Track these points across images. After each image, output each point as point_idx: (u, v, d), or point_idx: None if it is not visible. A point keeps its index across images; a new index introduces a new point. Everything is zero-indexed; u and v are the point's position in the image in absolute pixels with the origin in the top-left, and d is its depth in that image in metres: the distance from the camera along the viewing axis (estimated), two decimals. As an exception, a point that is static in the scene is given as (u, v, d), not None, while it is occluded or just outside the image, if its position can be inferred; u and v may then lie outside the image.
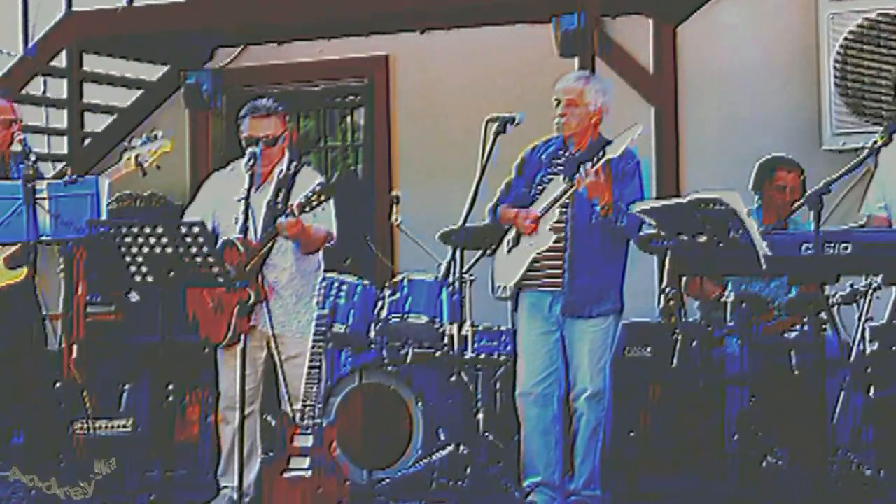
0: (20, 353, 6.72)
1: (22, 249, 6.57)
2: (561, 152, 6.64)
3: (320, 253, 6.84)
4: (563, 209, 6.51)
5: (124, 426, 7.38)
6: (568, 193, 6.46)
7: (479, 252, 7.36)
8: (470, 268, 7.26)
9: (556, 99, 6.61)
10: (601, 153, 6.40)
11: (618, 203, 6.40)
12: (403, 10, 8.93)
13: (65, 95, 9.80)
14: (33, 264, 6.67)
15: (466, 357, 7.28)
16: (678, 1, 8.78)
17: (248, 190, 6.52)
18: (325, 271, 6.95)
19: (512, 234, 6.65)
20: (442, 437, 7.25)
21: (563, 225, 6.52)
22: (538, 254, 6.55)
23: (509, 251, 6.64)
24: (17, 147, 6.69)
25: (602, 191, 6.35)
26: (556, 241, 6.51)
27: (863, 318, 6.52)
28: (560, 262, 6.53)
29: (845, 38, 8.14)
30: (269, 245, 6.56)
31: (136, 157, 6.69)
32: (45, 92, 10.11)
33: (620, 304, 6.60)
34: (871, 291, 6.54)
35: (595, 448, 6.57)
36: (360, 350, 7.72)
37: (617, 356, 7.00)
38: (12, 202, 6.46)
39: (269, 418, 6.90)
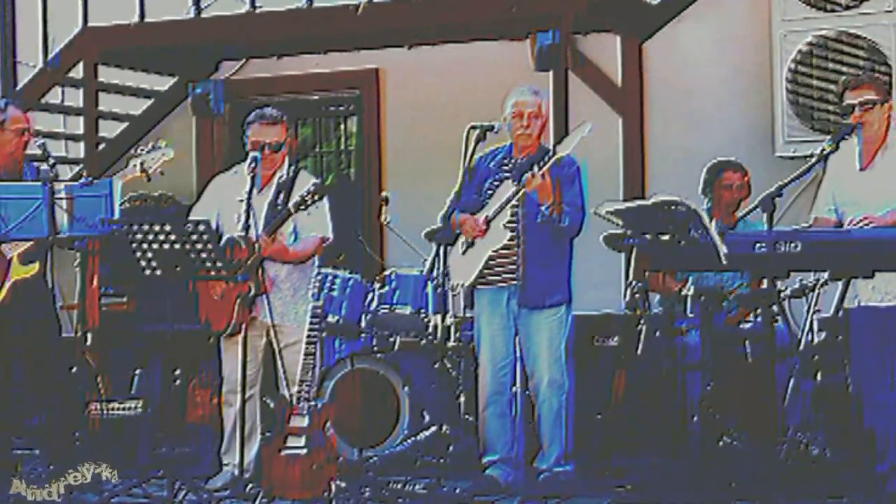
0: (35, 340, 6.70)
1: (36, 246, 6.54)
2: (506, 159, 6.66)
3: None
4: (514, 209, 6.53)
5: (135, 407, 7.37)
6: (518, 195, 6.48)
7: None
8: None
9: (517, 112, 6.60)
10: (551, 153, 6.43)
11: (561, 204, 6.42)
12: (393, 27, 8.93)
13: (81, 104, 9.77)
14: (47, 259, 6.65)
15: (449, 345, 7.30)
16: (643, 20, 8.78)
17: (250, 191, 6.52)
18: (320, 266, 6.94)
19: (465, 237, 6.64)
20: (426, 419, 7.25)
21: (514, 224, 6.54)
22: (493, 252, 6.55)
23: (464, 252, 6.62)
24: (36, 151, 6.67)
25: (548, 192, 6.37)
26: (509, 239, 6.53)
27: (811, 311, 6.53)
28: (514, 258, 6.55)
29: (796, 55, 8.16)
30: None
31: (142, 164, 6.68)
32: (63, 101, 10.09)
33: (569, 295, 6.63)
34: (818, 286, 6.56)
35: (560, 430, 6.60)
36: (352, 338, 7.71)
37: (587, 345, 7.02)
38: (32, 202, 6.44)
39: (268, 401, 6.89)
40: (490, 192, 6.62)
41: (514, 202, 6.50)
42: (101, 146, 9.91)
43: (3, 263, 6.57)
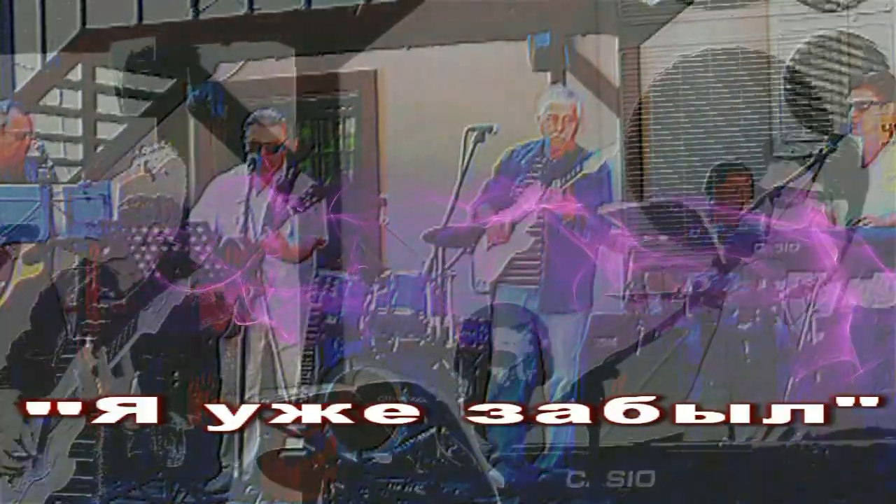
0: (41, 339, 6.71)
1: (38, 247, 6.55)
2: (538, 158, 6.65)
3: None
4: (540, 214, 6.53)
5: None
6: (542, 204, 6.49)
7: (460, 250, 7.35)
8: (451, 265, 7.25)
9: (552, 115, 6.58)
10: (578, 167, 6.43)
11: (580, 218, 6.44)
12: (391, 29, 8.92)
13: (79, 106, 9.76)
14: (50, 260, 6.65)
15: (448, 347, 7.28)
16: (641, 21, 8.77)
17: (249, 192, 6.52)
18: (318, 267, 6.93)
19: (489, 242, 6.66)
20: (426, 420, 7.23)
21: (539, 229, 6.54)
22: (516, 254, 6.56)
23: (489, 248, 6.65)
24: (35, 153, 6.68)
25: (567, 209, 6.38)
26: (533, 244, 6.54)
27: (810, 311, 6.53)
28: (537, 263, 6.55)
29: (794, 55, 8.16)
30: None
31: (146, 163, 6.69)
32: (61, 103, 10.07)
33: (590, 301, 6.64)
34: (817, 286, 6.55)
35: (565, 430, 6.59)
36: (351, 340, 7.70)
37: (587, 345, 7.00)
38: (31, 204, 6.44)
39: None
40: (519, 189, 6.63)
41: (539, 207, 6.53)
42: (100, 148, 9.90)
43: (9, 264, 6.57)
